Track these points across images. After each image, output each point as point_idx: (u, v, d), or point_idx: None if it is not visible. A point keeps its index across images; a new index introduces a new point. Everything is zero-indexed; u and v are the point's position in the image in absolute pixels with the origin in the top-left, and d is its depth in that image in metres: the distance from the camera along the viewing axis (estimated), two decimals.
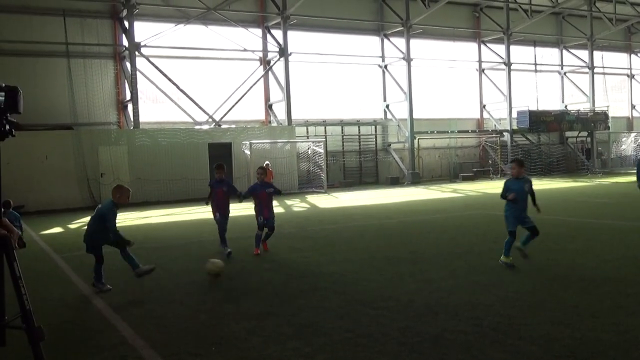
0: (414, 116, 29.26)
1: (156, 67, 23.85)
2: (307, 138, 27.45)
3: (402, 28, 29.26)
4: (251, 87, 26.24)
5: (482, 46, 33.53)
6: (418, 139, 29.87)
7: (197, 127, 24.62)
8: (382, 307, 6.43)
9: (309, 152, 25.92)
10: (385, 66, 30.55)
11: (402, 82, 29.64)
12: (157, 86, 24.06)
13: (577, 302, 6.36)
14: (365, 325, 5.80)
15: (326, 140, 26.68)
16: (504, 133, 32.37)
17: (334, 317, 6.15)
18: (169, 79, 24.06)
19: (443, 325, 5.69)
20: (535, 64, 35.61)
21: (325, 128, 28.72)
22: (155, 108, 25.08)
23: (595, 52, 36.20)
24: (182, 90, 24.39)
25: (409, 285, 7.44)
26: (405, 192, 23.39)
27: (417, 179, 28.77)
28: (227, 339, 5.53)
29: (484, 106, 33.79)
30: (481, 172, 31.02)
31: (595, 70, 36.44)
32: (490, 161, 32.06)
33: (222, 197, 10.05)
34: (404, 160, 29.84)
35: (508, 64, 32.54)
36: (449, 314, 6.05)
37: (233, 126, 25.31)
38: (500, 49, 32.91)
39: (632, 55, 39.93)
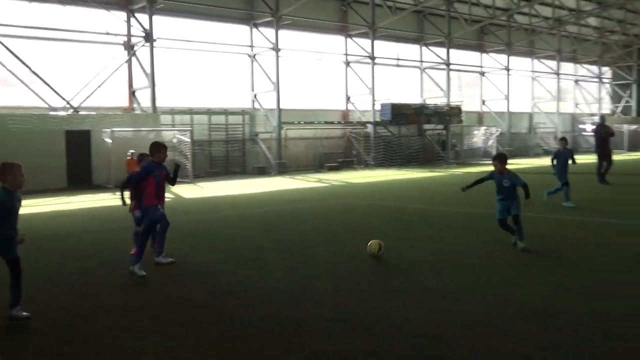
0: (282, 106, 29.49)
1: (5, 47, 22.02)
2: (173, 126, 26.73)
3: (272, 18, 29.32)
4: (113, 73, 25.00)
5: (349, 40, 34.46)
6: (285, 129, 30.17)
7: (53, 113, 23.07)
8: (246, 296, 6.47)
9: (174, 141, 25.27)
10: (254, 56, 30.46)
11: (270, 72, 29.73)
12: (6, 67, 22.23)
13: (431, 285, 6.80)
14: (228, 316, 5.80)
15: (192, 129, 26.15)
16: (368, 125, 33.57)
17: (197, 308, 6.10)
18: (21, 61, 22.31)
19: (306, 312, 5.84)
20: (398, 59, 37.27)
21: (191, 117, 28.13)
22: (5, 91, 23.18)
23: (451, 50, 38.51)
24: (35, 73, 22.73)
25: (273, 274, 7.54)
26: (272, 182, 23.56)
27: (283, 169, 29.06)
28: (89, 335, 5.30)
29: (349, 98, 34.82)
30: (346, 163, 31.95)
31: (451, 67, 38.79)
32: (354, 152, 33.12)
33: (163, 183, 8.31)
34: (271, 150, 30.01)
35: (372, 58, 33.73)
36: (312, 301, 6.22)
37: (93, 113, 24.00)
38: (366, 43, 34.01)
39: (484, 54, 42.96)
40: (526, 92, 46.37)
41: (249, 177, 26.81)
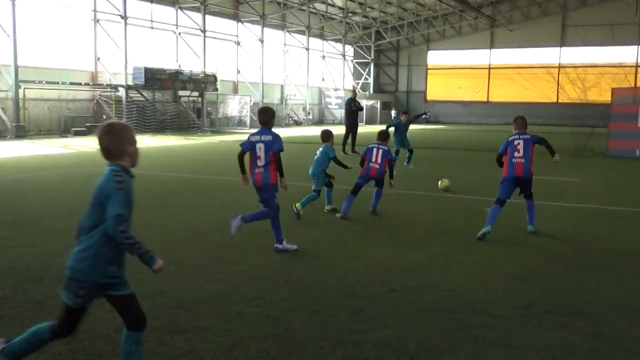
0: (20, 63, 26.41)
1: None
2: None
3: None
4: None
5: None
6: (24, 89, 27.13)
7: None
8: None
9: None
10: None
11: (5, 22, 26.30)
12: None
13: (185, 255, 6.71)
14: None
15: None
16: (119, 88, 31.81)
17: None
18: None
19: (46, 291, 5.34)
20: (152, 21, 35.75)
21: None
22: None
23: (208, 17, 38.18)
24: None
25: (10, 251, 6.75)
26: (8, 147, 21.08)
27: (22, 133, 26.18)
28: None
29: (99, 59, 32.54)
30: (95, 127, 29.93)
31: (208, 34, 38.52)
32: (104, 116, 31.18)
33: None
34: (6, 112, 26.77)
35: (124, 17, 31.89)
36: (54, 279, 5.70)
37: None
38: (118, 1, 31.99)
39: (240, 24, 43.43)
40: (279, 64, 48.16)
41: None
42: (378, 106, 56.93)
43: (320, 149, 9.52)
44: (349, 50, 59.29)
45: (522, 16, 57.92)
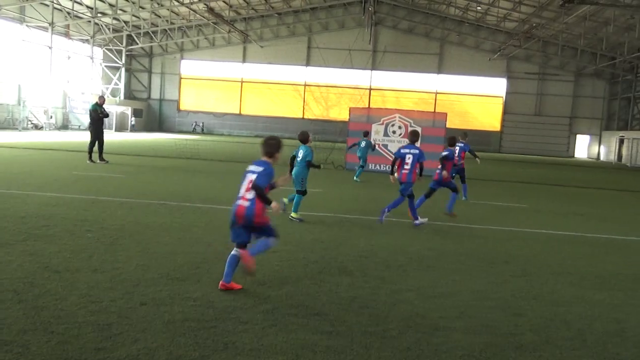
0: None
1: None
2: None
3: None
4: None
5: None
6: None
7: None
8: None
9: None
10: None
11: None
12: None
13: None
14: None
15: None
16: None
17: None
18: None
19: None
20: None
21: None
22: None
23: None
24: None
25: None
26: None
27: None
28: None
29: None
30: None
31: None
32: None
33: None
34: None
35: None
36: None
37: None
38: None
39: None
40: (15, 61, 43.68)
41: None
42: (129, 113, 54.90)
43: (301, 151, 10.39)
44: (98, 52, 56.28)
45: (273, 34, 61.00)
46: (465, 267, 7.77)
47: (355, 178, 18.94)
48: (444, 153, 11.95)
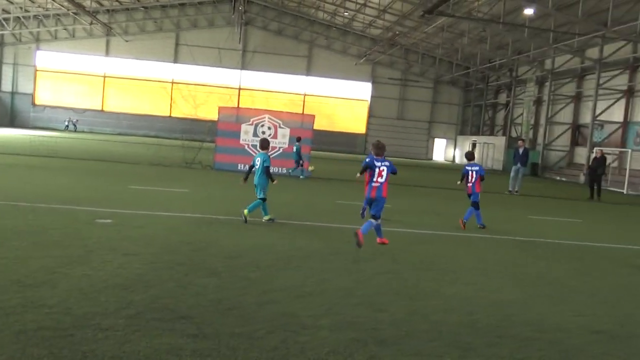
0: None
1: None
2: None
3: None
4: None
5: None
6: None
7: None
8: None
9: None
10: None
11: None
12: None
13: None
14: None
15: None
16: None
17: None
18: None
19: None
20: None
21: None
22: None
23: None
24: None
25: None
26: None
27: None
28: None
29: None
30: None
31: None
32: None
33: None
34: None
35: None
36: None
37: None
38: None
39: None
40: None
41: None
42: None
43: (259, 157, 10.82)
44: None
45: (138, 28, 58.79)
46: (332, 266, 7.96)
47: (301, 177, 22.07)
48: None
